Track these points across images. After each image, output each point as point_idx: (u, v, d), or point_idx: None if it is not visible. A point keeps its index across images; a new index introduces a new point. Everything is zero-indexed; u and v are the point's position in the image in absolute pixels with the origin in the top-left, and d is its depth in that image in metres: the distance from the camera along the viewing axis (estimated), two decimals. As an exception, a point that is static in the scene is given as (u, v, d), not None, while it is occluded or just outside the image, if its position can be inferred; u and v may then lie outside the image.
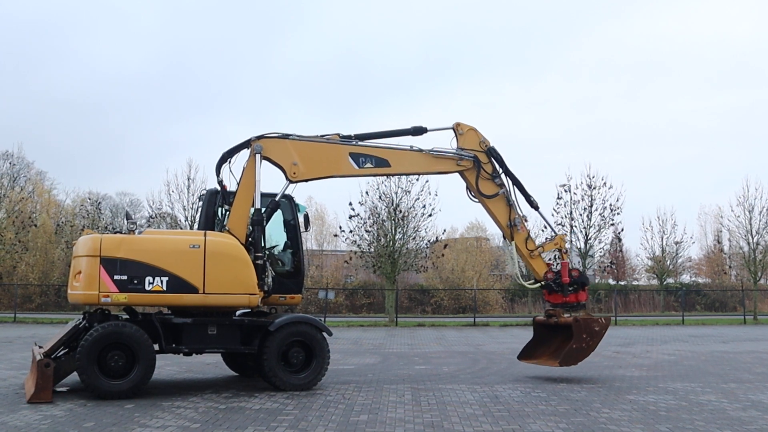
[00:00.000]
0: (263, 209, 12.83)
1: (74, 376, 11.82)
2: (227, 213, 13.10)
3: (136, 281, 11.58)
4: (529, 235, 14.55)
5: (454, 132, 14.33)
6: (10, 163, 40.94)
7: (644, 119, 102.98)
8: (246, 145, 13.15)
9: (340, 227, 38.76)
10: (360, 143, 13.76)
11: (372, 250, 36.14)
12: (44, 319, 34.46)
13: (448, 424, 9.44)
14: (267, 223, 12.97)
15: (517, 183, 14.45)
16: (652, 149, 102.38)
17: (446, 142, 14.31)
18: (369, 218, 35.78)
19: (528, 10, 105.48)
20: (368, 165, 13.61)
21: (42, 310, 44.14)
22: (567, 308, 14.12)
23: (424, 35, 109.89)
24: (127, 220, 13.43)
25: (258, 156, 12.91)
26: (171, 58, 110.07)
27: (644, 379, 14.21)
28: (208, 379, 14.00)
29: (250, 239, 12.71)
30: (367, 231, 35.85)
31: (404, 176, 34.76)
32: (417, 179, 35.01)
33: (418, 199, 35.25)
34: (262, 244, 12.68)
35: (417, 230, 35.87)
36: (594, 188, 38.50)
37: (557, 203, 38.50)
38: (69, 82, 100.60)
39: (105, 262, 11.53)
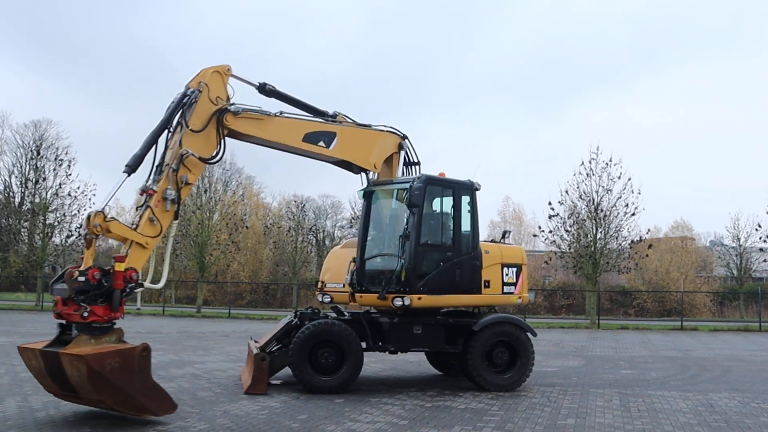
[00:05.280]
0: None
1: (286, 370, 12.40)
2: None
3: None
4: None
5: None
6: (223, 169, 43.86)
7: None
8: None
9: (539, 227, 38.09)
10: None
11: (572, 250, 35.34)
12: (255, 315, 36.49)
13: (661, 432, 9.08)
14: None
15: None
16: None
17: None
18: (569, 218, 35.05)
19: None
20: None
21: (252, 307, 46.68)
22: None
23: (631, 16, 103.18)
24: None
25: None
26: (367, 62, 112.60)
27: None
28: (412, 377, 14.24)
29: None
30: (566, 231, 35.12)
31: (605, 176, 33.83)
32: (619, 177, 33.83)
33: (620, 197, 34.06)
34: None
35: (619, 230, 34.66)
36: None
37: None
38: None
39: None
